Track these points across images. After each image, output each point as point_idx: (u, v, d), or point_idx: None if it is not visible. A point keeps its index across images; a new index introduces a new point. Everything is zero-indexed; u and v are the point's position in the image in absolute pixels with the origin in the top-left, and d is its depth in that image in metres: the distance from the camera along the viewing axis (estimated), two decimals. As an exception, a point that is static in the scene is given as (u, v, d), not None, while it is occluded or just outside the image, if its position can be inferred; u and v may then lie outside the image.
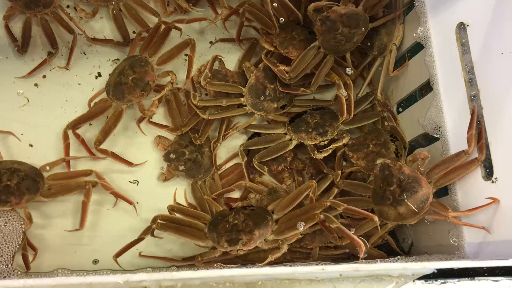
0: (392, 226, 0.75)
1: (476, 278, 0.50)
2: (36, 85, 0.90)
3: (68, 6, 0.93)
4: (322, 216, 0.71)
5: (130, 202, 0.83)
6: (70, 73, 0.91)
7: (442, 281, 0.50)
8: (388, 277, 0.49)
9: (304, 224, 0.71)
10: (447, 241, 0.72)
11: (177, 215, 0.79)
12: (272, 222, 0.74)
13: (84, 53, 0.93)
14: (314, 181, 0.76)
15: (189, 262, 0.78)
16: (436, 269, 0.50)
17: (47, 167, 0.82)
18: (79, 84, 0.91)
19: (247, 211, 0.74)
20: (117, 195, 0.83)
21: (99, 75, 0.92)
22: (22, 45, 0.89)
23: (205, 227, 0.75)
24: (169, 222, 0.76)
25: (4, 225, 0.74)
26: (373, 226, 0.73)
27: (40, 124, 0.88)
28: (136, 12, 0.92)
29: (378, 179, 0.72)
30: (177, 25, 0.90)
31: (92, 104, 0.88)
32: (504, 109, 0.66)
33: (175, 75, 0.88)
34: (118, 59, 0.93)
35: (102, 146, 0.85)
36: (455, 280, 0.50)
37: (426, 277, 0.50)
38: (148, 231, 0.76)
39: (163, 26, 0.88)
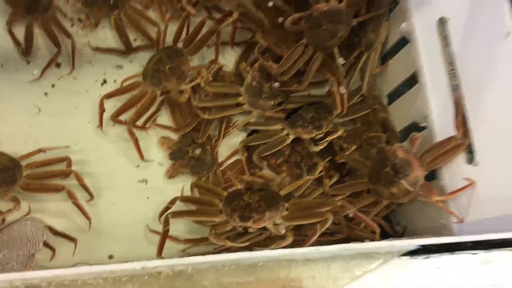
0: (384, 208, 0.81)
1: (456, 252, 0.55)
2: (46, 94, 0.95)
3: (72, 18, 0.99)
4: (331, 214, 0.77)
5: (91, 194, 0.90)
6: (77, 81, 0.96)
7: (426, 256, 0.55)
8: (376, 254, 0.53)
9: (285, 228, 0.79)
10: (437, 223, 0.78)
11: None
12: (283, 208, 0.80)
13: (90, 61, 0.98)
14: (339, 201, 0.79)
15: (199, 242, 0.84)
16: (421, 245, 0.55)
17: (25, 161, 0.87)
18: (86, 91, 0.96)
19: (262, 193, 0.80)
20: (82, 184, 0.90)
21: (105, 81, 0.98)
22: (25, 48, 0.94)
23: (220, 203, 0.81)
24: (187, 202, 0.85)
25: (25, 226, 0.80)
26: (370, 201, 0.80)
27: (51, 131, 0.93)
28: (136, 21, 0.97)
29: (374, 161, 0.79)
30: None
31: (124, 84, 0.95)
32: (483, 97, 0.71)
33: (208, 70, 0.93)
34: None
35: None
36: (437, 255, 0.55)
37: (412, 253, 0.55)
38: (165, 211, 0.84)
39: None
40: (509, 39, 0.64)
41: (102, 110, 0.92)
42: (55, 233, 0.85)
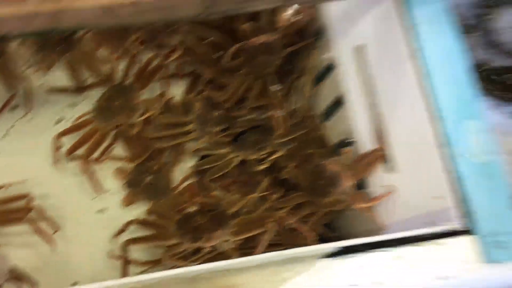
0: (324, 216, 0.91)
1: (373, 250, 0.64)
2: (4, 136, 1.01)
3: (28, 60, 1.05)
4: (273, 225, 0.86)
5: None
6: (34, 121, 1.02)
7: (347, 256, 0.63)
8: (306, 258, 0.62)
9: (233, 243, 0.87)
10: (370, 226, 0.87)
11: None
12: (232, 225, 0.88)
13: (45, 101, 1.04)
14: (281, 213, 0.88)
15: (156, 264, 0.91)
16: (344, 247, 0.64)
17: None
18: (43, 131, 1.02)
19: (212, 213, 0.88)
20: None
21: (60, 119, 1.04)
22: None
23: (173, 226, 0.88)
24: (142, 225, 0.92)
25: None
26: (309, 211, 0.90)
27: (12, 171, 0.98)
28: (88, 61, 1.04)
29: (312, 175, 0.90)
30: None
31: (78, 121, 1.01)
32: (397, 112, 0.82)
33: (158, 102, 1.01)
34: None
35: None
36: (358, 254, 0.64)
37: (335, 255, 0.63)
38: (120, 233, 0.92)
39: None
40: (408, 62, 0.75)
41: (57, 148, 0.98)
42: (17, 276, 0.88)
